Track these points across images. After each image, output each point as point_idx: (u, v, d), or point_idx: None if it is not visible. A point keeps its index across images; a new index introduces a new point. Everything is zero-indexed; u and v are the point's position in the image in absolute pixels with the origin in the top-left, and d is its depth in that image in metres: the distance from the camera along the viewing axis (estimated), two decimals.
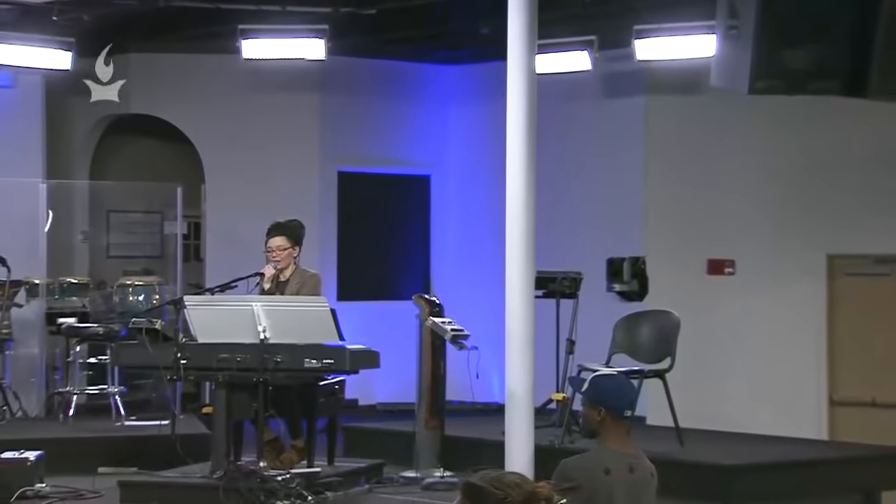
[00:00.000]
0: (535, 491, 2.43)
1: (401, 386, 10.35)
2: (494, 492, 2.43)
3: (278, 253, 7.66)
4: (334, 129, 11.68)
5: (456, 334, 7.82)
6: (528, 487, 2.43)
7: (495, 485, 2.44)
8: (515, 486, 2.43)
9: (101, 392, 9.50)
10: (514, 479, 2.45)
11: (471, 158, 11.88)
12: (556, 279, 9.04)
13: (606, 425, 4.09)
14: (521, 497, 2.42)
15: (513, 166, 7.17)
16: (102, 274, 11.55)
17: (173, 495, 7.20)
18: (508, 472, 2.49)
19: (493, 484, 2.44)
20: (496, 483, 2.44)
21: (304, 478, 7.14)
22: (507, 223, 7.22)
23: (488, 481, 2.44)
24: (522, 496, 2.42)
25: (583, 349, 8.74)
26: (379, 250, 12.02)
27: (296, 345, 7.14)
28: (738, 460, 7.99)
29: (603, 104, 10.84)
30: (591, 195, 10.87)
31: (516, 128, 7.14)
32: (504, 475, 2.46)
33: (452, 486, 7.65)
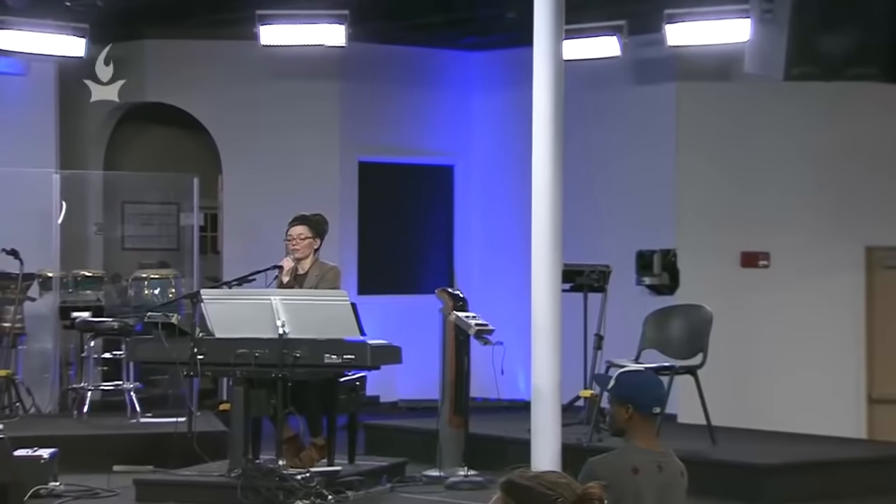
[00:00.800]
0: (588, 491, 2.36)
1: (423, 382, 10.37)
2: (545, 492, 2.34)
3: (298, 242, 7.68)
4: (355, 118, 11.69)
5: (480, 329, 7.82)
6: (577, 487, 2.36)
7: (544, 484, 2.36)
8: (565, 485, 2.36)
9: (116, 388, 9.55)
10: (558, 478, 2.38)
11: (496, 148, 11.88)
12: (583, 272, 9.03)
13: (634, 423, 4.09)
14: (573, 497, 2.35)
15: (539, 156, 7.17)
16: (117, 267, 11.61)
17: (190, 494, 7.24)
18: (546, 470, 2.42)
19: (541, 483, 2.36)
20: (544, 482, 2.36)
21: (323, 477, 7.17)
22: (534, 214, 7.22)
23: (534, 480, 2.37)
24: (574, 497, 2.35)
25: (611, 345, 8.74)
26: (401, 243, 12.03)
27: (315, 340, 7.16)
28: (773, 460, 7.97)
29: (632, 91, 10.81)
30: (620, 185, 10.85)
31: (543, 116, 7.13)
32: (547, 473, 2.38)
33: (477, 486, 7.67)
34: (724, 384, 9.31)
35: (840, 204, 9.85)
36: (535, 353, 7.15)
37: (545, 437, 7.06)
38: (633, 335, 8.66)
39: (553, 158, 7.12)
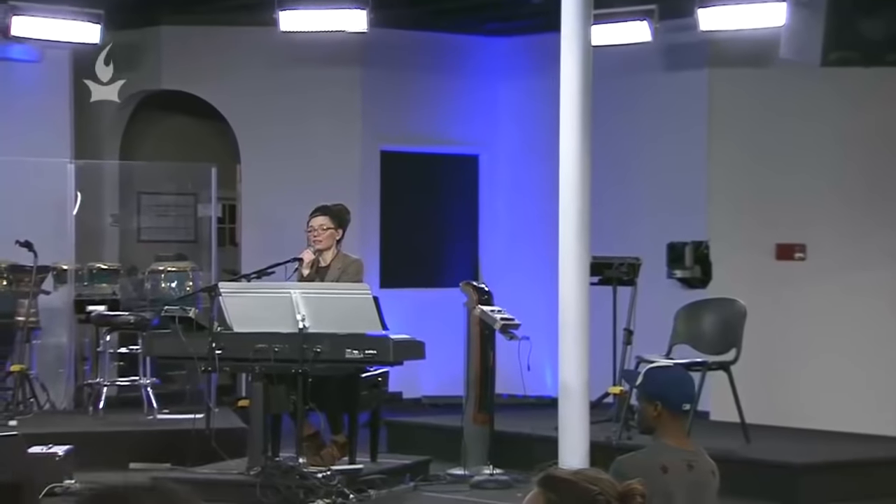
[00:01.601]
0: (631, 487, 2.37)
1: (447, 378, 10.38)
2: (587, 486, 2.32)
3: (319, 232, 7.70)
4: (377, 106, 11.70)
5: (506, 323, 7.83)
6: (616, 483, 2.36)
7: (586, 479, 2.34)
8: (605, 481, 2.35)
9: (133, 384, 9.60)
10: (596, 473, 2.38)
11: (522, 136, 11.87)
12: (612, 265, 9.02)
13: (663, 421, 4.09)
14: (615, 493, 2.35)
15: (566, 145, 7.16)
16: (133, 259, 11.65)
17: (208, 493, 7.25)
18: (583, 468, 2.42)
19: (582, 478, 2.35)
20: (585, 477, 2.35)
21: (345, 475, 7.19)
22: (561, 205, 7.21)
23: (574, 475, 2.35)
24: (616, 493, 2.36)
25: (641, 339, 8.73)
26: (424, 235, 12.04)
27: (336, 334, 7.18)
28: (809, 458, 7.95)
29: (663, 78, 10.78)
30: (650, 175, 10.83)
31: (570, 104, 7.12)
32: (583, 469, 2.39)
33: (503, 485, 7.68)
34: (758, 380, 9.28)
35: (880, 194, 9.79)
36: (563, 349, 7.15)
37: (573, 434, 7.06)
38: (664, 330, 8.65)
39: (581, 148, 7.11)
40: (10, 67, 10.59)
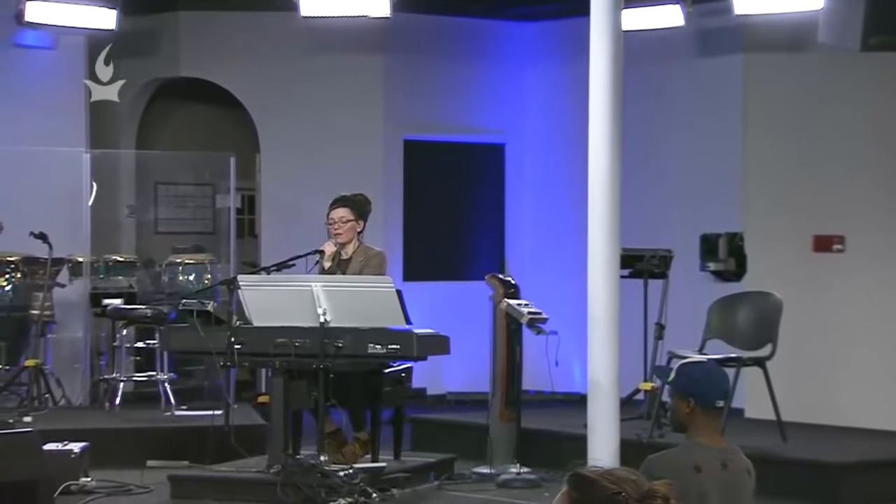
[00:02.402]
0: (653, 489, 2.38)
1: (473, 374, 10.38)
2: (608, 486, 2.36)
3: (340, 225, 7.71)
4: (400, 94, 11.71)
5: (533, 318, 7.83)
6: (644, 484, 2.38)
7: (609, 479, 2.38)
8: (631, 482, 2.38)
9: (150, 379, 9.64)
10: (627, 474, 2.40)
11: (549, 125, 11.85)
12: (643, 257, 9.00)
13: (696, 418, 4.08)
14: (637, 494, 2.36)
15: (596, 134, 7.15)
16: (150, 251, 11.70)
17: (227, 491, 7.30)
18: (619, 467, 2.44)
19: (606, 478, 2.38)
20: (610, 477, 2.38)
21: (367, 473, 7.21)
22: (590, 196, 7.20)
23: (600, 474, 2.39)
24: (639, 493, 2.37)
25: (673, 334, 8.71)
26: (449, 226, 12.04)
27: (359, 329, 7.19)
28: (847, 458, 7.92)
29: (697, 64, 10.74)
30: (682, 164, 10.79)
31: (600, 91, 7.11)
32: (616, 469, 2.41)
33: (530, 484, 7.69)
34: (794, 377, 9.25)
35: None
36: (592, 344, 7.14)
37: (602, 432, 7.06)
38: (697, 324, 8.63)
39: (611, 136, 7.10)
40: (23, 54, 10.64)
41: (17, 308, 9.74)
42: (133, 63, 11.52)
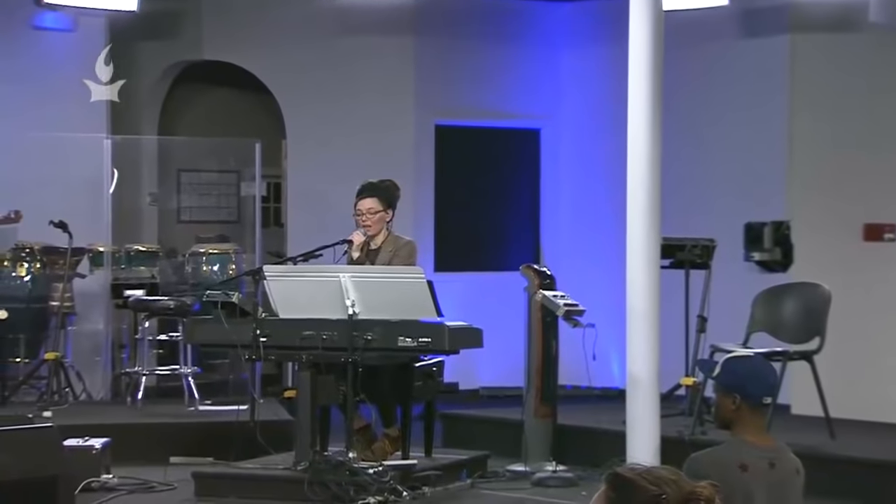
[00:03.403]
0: (695, 490, 2.36)
1: (507, 368, 10.38)
2: (648, 487, 2.34)
3: (368, 216, 7.72)
4: (431, 77, 11.69)
5: (570, 310, 7.82)
6: (686, 486, 2.36)
7: (649, 479, 2.36)
8: (672, 482, 2.36)
9: (173, 373, 9.69)
10: (667, 474, 2.38)
11: (587, 109, 11.82)
12: (685, 247, 8.97)
13: (742, 415, 4.07)
14: (678, 496, 2.35)
15: (635, 117, 7.12)
16: (173, 241, 11.76)
17: (253, 488, 7.33)
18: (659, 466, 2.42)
19: (646, 478, 2.36)
20: (649, 477, 2.36)
21: (398, 471, 7.22)
22: (629, 183, 7.18)
23: (640, 474, 2.37)
24: (680, 495, 2.35)
25: (716, 327, 8.68)
26: (482, 214, 12.03)
27: (388, 321, 7.20)
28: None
29: (740, 45, 10.68)
30: (726, 150, 10.74)
31: (640, 74, 7.08)
32: (656, 468, 2.39)
33: (566, 483, 7.68)
34: (843, 371, 9.20)
35: None
36: (631, 337, 7.13)
37: (642, 429, 7.05)
38: (741, 317, 8.59)
39: (650, 121, 7.08)
40: (42, 37, 10.69)
41: (36, 299, 9.80)
42: (154, 46, 11.57)
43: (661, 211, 7.15)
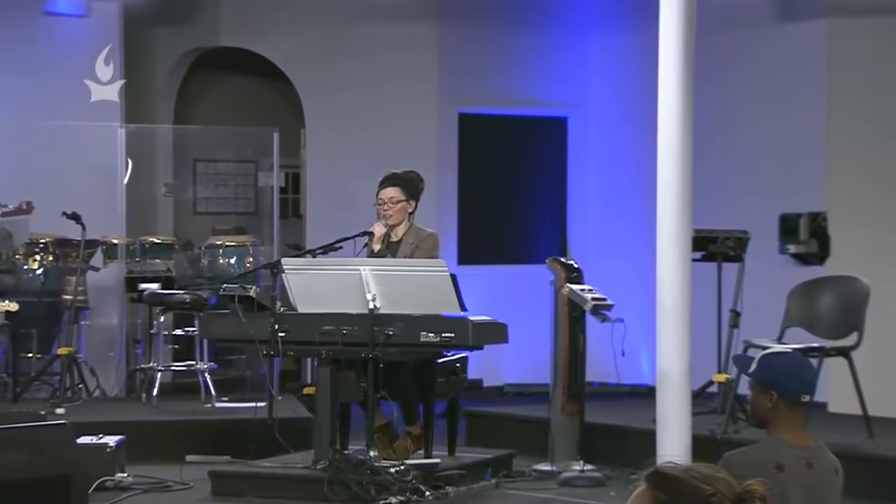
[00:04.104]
0: (749, 489, 2.31)
1: (532, 364, 10.36)
2: (699, 485, 2.29)
3: (390, 206, 7.71)
4: (455, 64, 11.68)
5: (598, 304, 7.80)
6: (735, 483, 2.31)
7: (698, 477, 2.30)
8: (723, 480, 2.31)
9: (189, 369, 9.70)
10: (712, 471, 2.32)
11: (615, 97, 11.78)
12: (717, 239, 8.94)
13: (779, 413, 4.05)
14: (731, 494, 2.30)
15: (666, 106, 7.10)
16: (189, 233, 11.78)
17: (271, 487, 7.33)
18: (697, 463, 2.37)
19: (694, 476, 2.30)
20: (698, 475, 2.31)
21: (420, 470, 7.21)
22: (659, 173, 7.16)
23: (685, 472, 2.31)
24: (733, 494, 2.31)
25: (750, 322, 8.65)
26: (507, 205, 12.01)
27: (410, 315, 7.20)
28: None
29: (776, 30, 10.63)
30: (760, 139, 10.70)
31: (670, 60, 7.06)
32: (697, 466, 2.34)
33: (594, 483, 7.66)
34: (882, 368, 9.15)
35: None
36: (661, 332, 7.12)
37: (672, 427, 7.03)
38: (775, 311, 8.56)
39: (681, 109, 7.05)
40: (54, 23, 10.71)
41: (48, 293, 9.83)
42: (170, 32, 11.58)
43: (692, 201, 7.13)
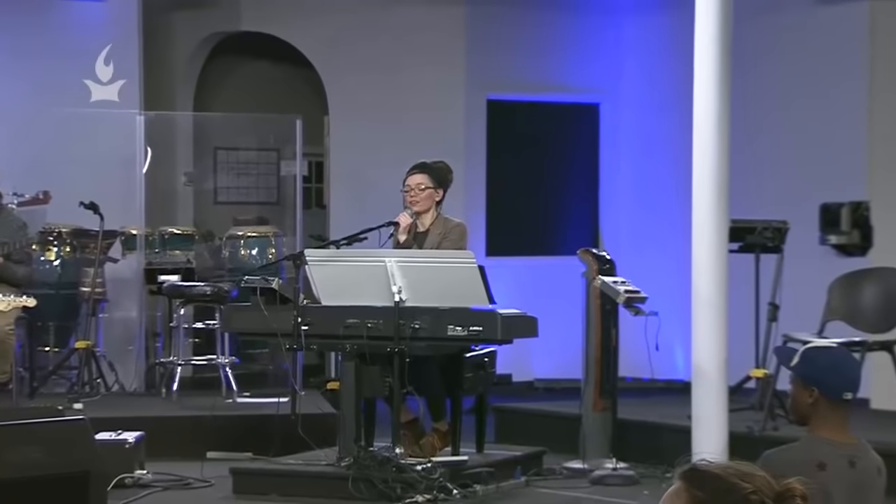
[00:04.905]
0: (789, 487, 2.30)
1: (563, 359, 10.35)
2: (738, 483, 2.28)
3: (417, 192, 7.71)
4: (483, 49, 11.66)
5: (631, 297, 7.78)
6: (775, 481, 2.30)
7: (737, 475, 2.29)
8: (762, 478, 2.30)
9: (209, 363, 9.73)
10: (750, 469, 2.31)
11: (649, 82, 11.76)
12: (755, 229, 8.91)
13: (820, 410, 4.03)
14: (772, 493, 2.29)
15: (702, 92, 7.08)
16: (209, 223, 11.80)
17: (294, 485, 7.35)
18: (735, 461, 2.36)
19: (733, 473, 2.30)
20: (737, 472, 2.30)
21: (447, 468, 7.21)
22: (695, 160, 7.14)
23: (724, 469, 2.31)
24: (774, 493, 2.30)
25: (789, 315, 8.62)
26: (537, 195, 12.01)
27: (437, 309, 7.20)
28: None
29: (815, 13, 10.59)
30: (799, 126, 10.66)
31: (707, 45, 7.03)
32: (734, 463, 2.33)
33: (627, 481, 7.65)
34: None
35: None
36: (697, 326, 7.10)
37: (708, 424, 7.02)
38: (816, 304, 8.53)
39: (718, 95, 7.03)
40: (71, 7, 10.74)
41: (66, 285, 9.87)
42: (190, 16, 11.60)
43: (729, 190, 7.11)
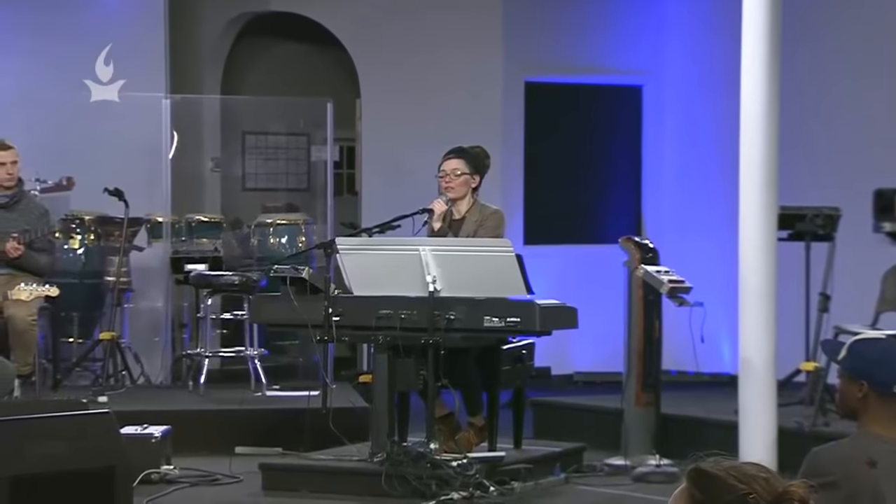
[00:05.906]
0: (788, 490, 2.34)
1: (604, 352, 10.35)
2: (735, 484, 2.34)
3: (452, 178, 7.71)
4: (521, 30, 11.65)
5: (675, 287, 7.78)
6: (777, 484, 2.34)
7: (736, 476, 2.35)
8: (762, 480, 2.35)
9: (238, 355, 9.77)
10: (756, 471, 2.36)
11: (694, 64, 11.72)
12: (805, 216, 8.88)
13: (869, 404, 4.02)
14: (769, 495, 2.34)
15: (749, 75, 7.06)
16: (237, 210, 11.84)
17: (326, 482, 7.38)
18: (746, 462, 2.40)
19: (733, 475, 2.36)
20: (737, 474, 2.36)
21: (484, 464, 7.23)
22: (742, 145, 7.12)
23: (726, 470, 2.37)
24: (771, 494, 2.34)
25: (840, 306, 8.60)
26: (577, 181, 11.99)
27: (473, 299, 7.21)
28: None
29: None
30: (850, 110, 10.60)
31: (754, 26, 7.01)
32: (743, 464, 2.38)
33: (670, 478, 7.65)
34: None
35: None
36: (744, 317, 7.09)
37: (756, 419, 7.01)
38: (869, 294, 8.50)
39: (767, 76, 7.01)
40: None
41: (90, 274, 9.93)
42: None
43: (777, 176, 7.09)
